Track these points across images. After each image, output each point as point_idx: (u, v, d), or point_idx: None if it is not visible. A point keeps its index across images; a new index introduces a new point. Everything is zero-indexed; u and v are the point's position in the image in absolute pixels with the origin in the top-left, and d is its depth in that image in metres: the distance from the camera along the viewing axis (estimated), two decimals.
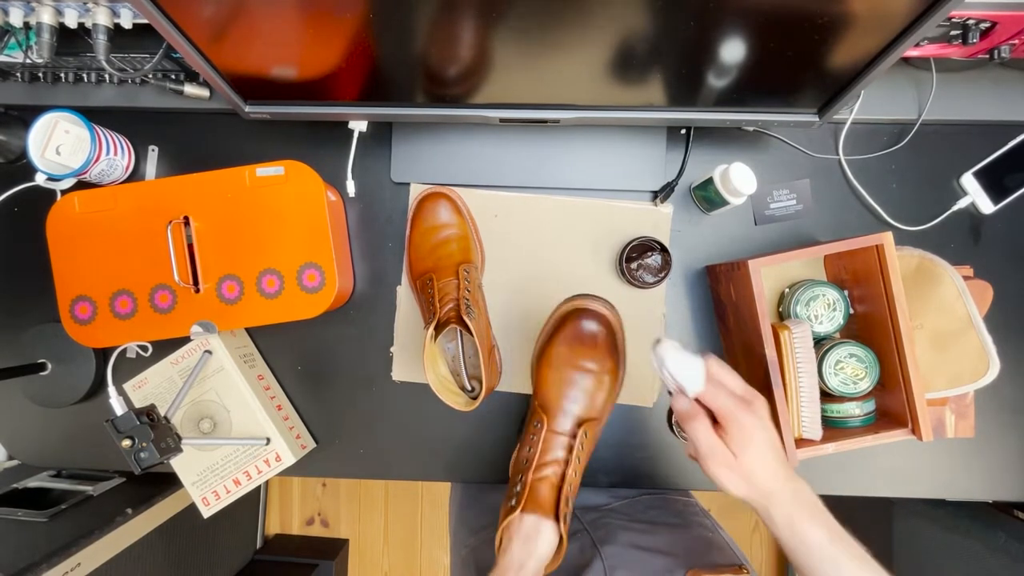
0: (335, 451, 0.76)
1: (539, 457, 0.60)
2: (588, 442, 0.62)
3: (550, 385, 0.63)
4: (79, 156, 0.67)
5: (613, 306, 0.66)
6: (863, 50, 0.51)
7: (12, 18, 0.63)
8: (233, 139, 0.76)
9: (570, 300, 0.66)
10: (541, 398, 0.64)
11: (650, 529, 0.69)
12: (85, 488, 1.06)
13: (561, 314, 0.66)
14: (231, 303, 0.66)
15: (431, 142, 0.74)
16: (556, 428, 0.61)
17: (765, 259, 0.61)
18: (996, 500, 0.75)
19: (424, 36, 0.52)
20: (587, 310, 0.64)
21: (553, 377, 0.63)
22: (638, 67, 0.55)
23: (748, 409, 0.47)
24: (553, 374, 0.63)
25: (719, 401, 0.47)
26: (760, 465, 0.47)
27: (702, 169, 0.73)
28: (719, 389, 0.48)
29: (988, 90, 0.71)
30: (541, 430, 0.61)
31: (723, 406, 0.47)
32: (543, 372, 0.64)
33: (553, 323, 0.66)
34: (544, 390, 0.64)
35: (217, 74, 0.57)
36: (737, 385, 0.49)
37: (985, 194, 0.72)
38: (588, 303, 0.64)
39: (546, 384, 0.64)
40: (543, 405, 0.63)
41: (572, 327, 0.63)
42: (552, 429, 0.61)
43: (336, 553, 1.63)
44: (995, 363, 0.66)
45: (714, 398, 0.47)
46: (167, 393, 0.68)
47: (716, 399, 0.47)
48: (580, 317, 0.64)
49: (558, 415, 0.62)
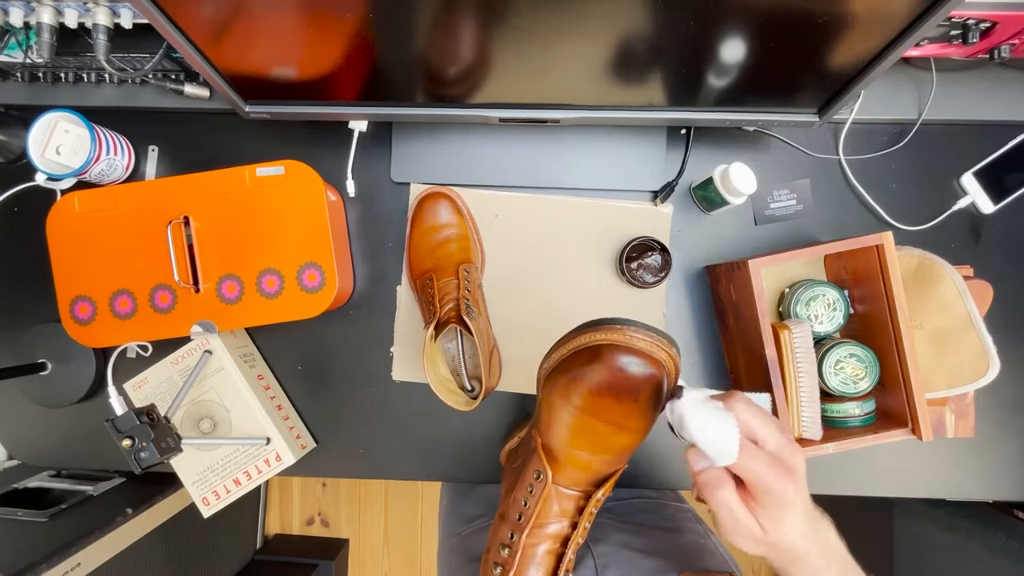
0: (335, 451, 0.76)
1: (537, 517, 0.47)
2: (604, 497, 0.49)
3: (561, 428, 0.46)
4: (79, 156, 0.67)
5: (670, 341, 0.44)
6: (863, 50, 0.51)
7: (12, 18, 0.63)
8: (233, 139, 0.76)
9: (608, 327, 0.44)
10: (547, 438, 0.48)
11: (642, 531, 0.69)
12: (85, 488, 1.06)
13: (593, 344, 0.45)
14: (231, 303, 0.66)
15: (431, 142, 0.74)
16: (564, 484, 0.47)
17: (765, 259, 0.61)
18: (996, 500, 0.75)
19: (424, 36, 0.52)
20: (633, 351, 0.43)
21: (567, 422, 0.46)
22: (638, 67, 0.55)
23: (788, 477, 0.38)
24: (568, 419, 0.46)
25: (754, 470, 0.38)
26: (792, 533, 0.39)
27: (702, 169, 0.73)
28: (752, 453, 0.38)
29: (988, 90, 0.71)
30: (543, 483, 0.47)
31: (759, 477, 0.38)
32: (554, 409, 0.47)
33: (582, 355, 0.45)
34: (552, 430, 0.47)
35: (217, 74, 0.57)
36: (772, 439, 0.39)
37: (985, 194, 0.72)
38: (636, 339, 0.43)
39: (556, 425, 0.47)
40: (549, 449, 0.47)
41: (608, 370, 0.43)
42: (559, 484, 0.47)
43: (336, 553, 1.63)
44: (995, 363, 0.66)
45: (747, 468, 0.38)
46: (167, 393, 0.68)
47: (750, 468, 0.38)
48: (622, 359, 0.43)
49: (568, 469, 0.47)
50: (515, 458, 0.54)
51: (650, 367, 0.43)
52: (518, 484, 0.50)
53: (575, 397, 0.45)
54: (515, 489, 0.50)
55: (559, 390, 0.46)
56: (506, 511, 0.50)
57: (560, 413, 0.46)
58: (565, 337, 0.47)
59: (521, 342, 0.74)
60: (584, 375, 0.44)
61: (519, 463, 0.52)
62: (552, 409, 0.47)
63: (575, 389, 0.45)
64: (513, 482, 0.51)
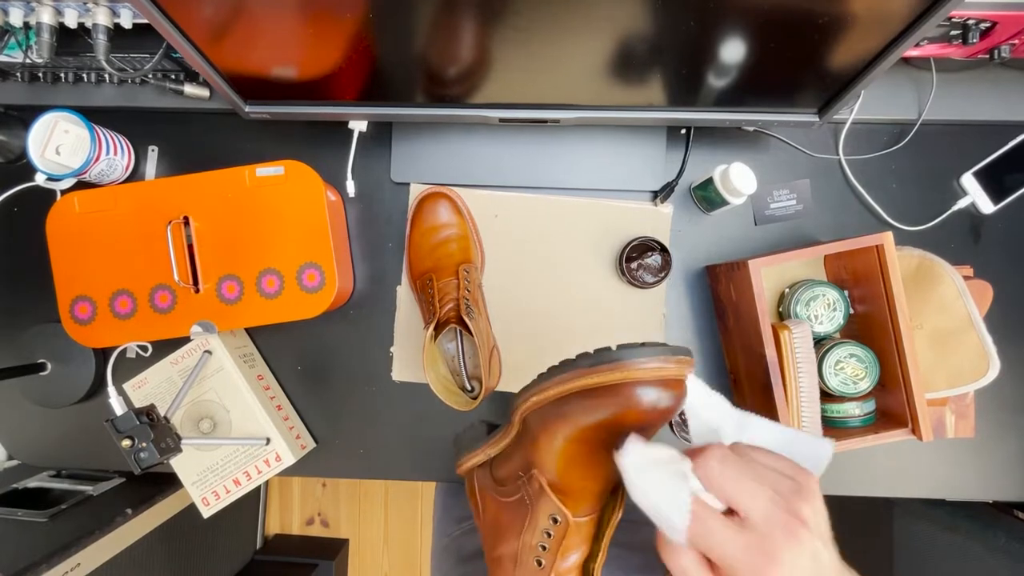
0: (335, 451, 0.76)
1: (558, 562, 0.44)
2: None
3: (574, 467, 0.42)
4: (79, 156, 0.67)
5: (688, 353, 0.38)
6: (863, 50, 0.51)
7: (12, 18, 0.63)
8: (233, 139, 0.76)
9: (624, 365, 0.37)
10: (554, 477, 0.43)
11: (631, 527, 0.68)
12: (85, 488, 1.06)
13: (611, 384, 0.38)
14: (231, 303, 0.66)
15: (431, 142, 0.74)
16: (580, 514, 0.44)
17: (765, 259, 0.61)
18: (996, 500, 0.75)
19: (424, 36, 0.52)
20: (661, 383, 0.37)
21: (583, 460, 0.42)
22: (638, 67, 0.55)
23: (770, 566, 0.29)
24: (584, 457, 0.42)
25: (718, 553, 0.30)
26: None
27: (702, 169, 0.73)
28: (716, 531, 0.30)
29: (988, 90, 0.71)
30: (564, 526, 0.43)
31: (726, 561, 0.30)
32: (565, 449, 0.42)
33: (598, 393, 0.39)
34: (560, 468, 0.43)
35: (217, 74, 0.57)
36: (758, 509, 0.30)
37: (985, 194, 0.72)
38: (658, 368, 0.37)
39: (566, 464, 0.42)
40: (559, 488, 0.43)
41: (635, 409, 0.37)
42: (577, 517, 0.44)
43: (336, 553, 1.63)
44: (995, 363, 0.66)
45: (708, 548, 0.31)
46: (167, 393, 0.68)
47: (711, 549, 0.30)
48: (649, 395, 0.37)
49: (582, 501, 0.44)
50: (501, 489, 0.50)
51: (676, 393, 0.38)
52: (528, 527, 0.45)
53: (585, 433, 0.40)
54: (525, 533, 0.46)
55: (564, 428, 0.41)
56: (520, 555, 0.46)
57: (566, 450, 0.42)
58: (564, 372, 0.41)
59: (521, 342, 0.74)
60: (598, 413, 0.39)
61: (516, 499, 0.47)
62: (554, 447, 0.42)
63: (585, 426, 0.40)
64: (514, 520, 0.47)
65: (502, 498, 0.50)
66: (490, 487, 0.52)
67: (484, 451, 0.55)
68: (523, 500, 0.47)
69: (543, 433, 0.44)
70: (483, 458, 0.55)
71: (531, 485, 0.46)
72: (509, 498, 0.49)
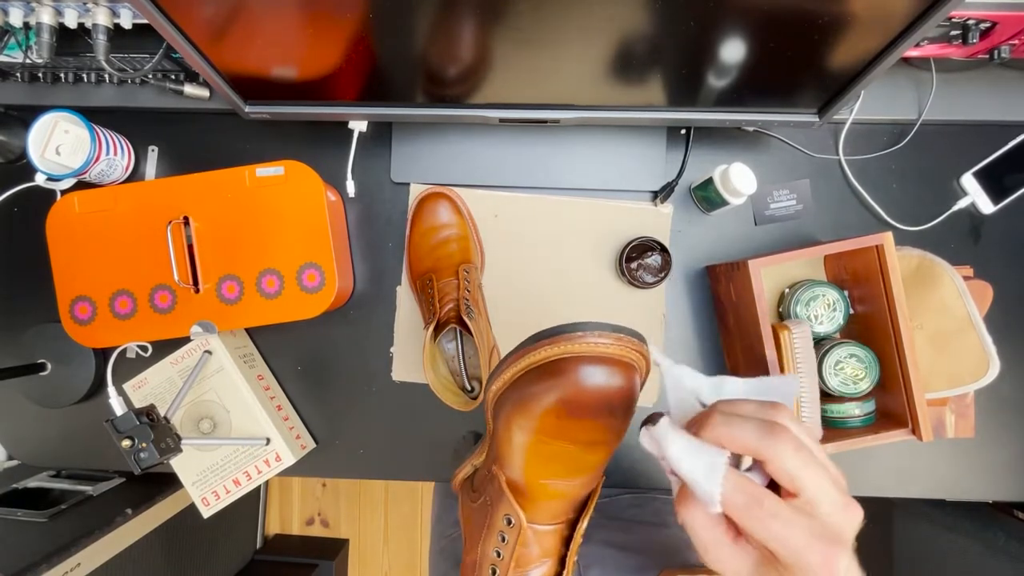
0: (335, 451, 0.76)
1: (515, 567, 0.40)
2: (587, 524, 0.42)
3: (526, 459, 0.39)
4: (79, 156, 0.67)
5: (638, 338, 0.36)
6: (863, 50, 0.51)
7: (12, 18, 0.63)
8: (233, 139, 0.76)
9: (565, 337, 0.35)
10: (510, 472, 0.40)
11: (626, 527, 0.68)
12: (85, 488, 1.06)
13: (552, 359, 0.36)
14: (231, 303, 0.66)
15: (431, 142, 0.74)
16: (541, 521, 0.40)
17: (765, 259, 0.61)
18: (996, 500, 0.75)
19: (424, 36, 0.52)
20: (601, 359, 0.35)
21: (534, 451, 0.38)
22: (638, 67, 0.55)
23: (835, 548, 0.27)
24: (535, 447, 0.38)
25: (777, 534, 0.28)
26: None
27: (702, 169, 0.73)
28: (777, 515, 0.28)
29: (988, 90, 0.71)
30: (516, 529, 0.39)
31: (784, 542, 0.28)
32: (515, 438, 0.39)
33: (540, 372, 0.37)
34: (516, 463, 0.39)
35: (217, 74, 0.57)
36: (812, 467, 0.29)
37: (985, 194, 0.72)
38: (601, 346, 0.35)
39: (519, 456, 0.39)
40: (515, 486, 0.40)
41: (575, 387, 0.35)
42: (534, 523, 0.40)
43: (336, 553, 1.63)
44: (995, 363, 0.66)
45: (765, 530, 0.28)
46: (167, 393, 0.68)
47: (770, 532, 0.28)
48: (589, 371, 0.35)
49: (541, 503, 0.40)
50: (473, 494, 0.47)
51: (623, 374, 0.35)
52: (487, 533, 0.42)
53: (539, 422, 0.37)
54: (484, 540, 0.42)
55: (518, 417, 0.38)
56: (479, 565, 0.42)
57: (523, 442, 0.38)
58: (514, 353, 0.39)
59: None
60: (546, 396, 0.36)
61: (480, 502, 0.44)
62: (512, 439, 0.39)
63: (538, 413, 0.37)
64: (479, 525, 0.43)
65: (472, 503, 0.46)
66: (467, 495, 0.49)
67: (470, 462, 0.52)
68: (486, 502, 0.43)
69: (502, 424, 0.40)
70: (470, 469, 0.52)
71: (492, 484, 0.42)
72: (476, 502, 0.45)
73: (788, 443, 0.29)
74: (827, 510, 0.28)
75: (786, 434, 0.29)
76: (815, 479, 0.29)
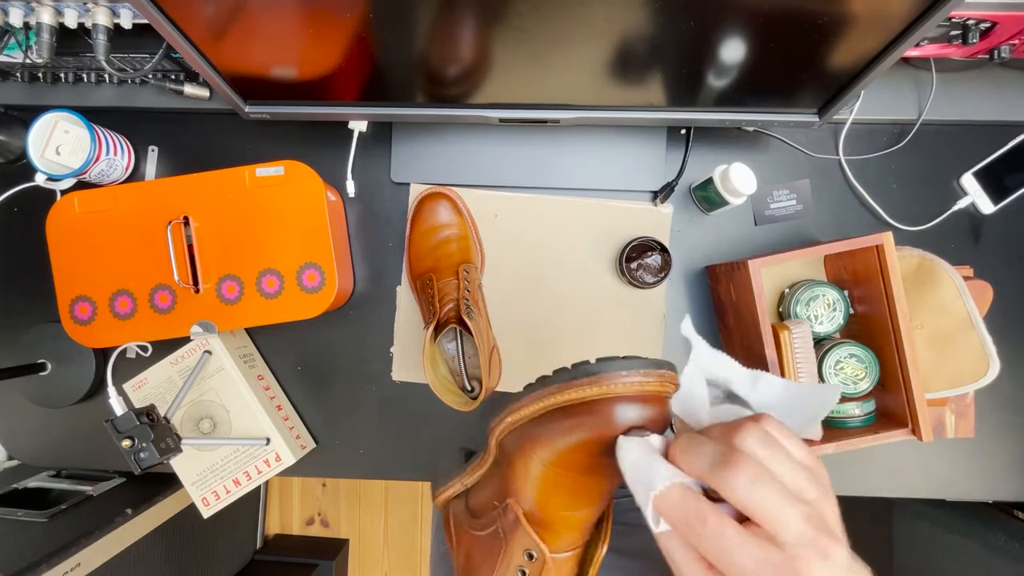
0: (335, 451, 0.76)
1: None
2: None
3: (555, 495, 0.39)
4: (79, 156, 0.67)
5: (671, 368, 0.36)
6: (863, 50, 0.51)
7: (12, 18, 0.63)
8: (233, 139, 0.76)
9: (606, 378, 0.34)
10: (532, 506, 0.39)
11: (626, 531, 0.68)
12: (85, 488, 1.06)
13: (586, 399, 0.35)
14: (231, 303, 0.66)
15: (431, 142, 0.74)
16: (560, 550, 0.40)
17: (765, 259, 0.61)
18: (996, 500, 0.75)
19: (424, 36, 0.52)
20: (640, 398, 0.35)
21: (564, 487, 0.38)
22: (638, 67, 0.55)
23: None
24: (564, 483, 0.38)
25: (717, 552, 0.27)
26: None
27: (702, 169, 0.73)
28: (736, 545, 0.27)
29: (988, 90, 0.71)
30: (540, 563, 0.39)
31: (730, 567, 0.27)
32: (543, 474, 0.38)
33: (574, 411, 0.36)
34: (539, 497, 0.39)
35: (217, 74, 0.57)
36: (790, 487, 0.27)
37: (985, 194, 0.72)
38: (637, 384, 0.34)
39: (546, 492, 0.39)
40: (536, 519, 0.39)
41: (611, 426, 0.34)
42: (555, 553, 0.40)
43: (336, 553, 1.63)
44: (995, 363, 0.66)
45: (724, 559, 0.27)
46: (167, 393, 0.68)
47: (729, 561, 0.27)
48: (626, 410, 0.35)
49: (562, 534, 0.40)
50: (475, 521, 0.46)
51: (657, 408, 0.35)
52: (502, 567, 0.41)
53: (568, 458, 0.37)
54: (496, 569, 0.41)
55: (543, 451, 0.38)
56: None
57: (546, 477, 0.38)
58: (539, 389, 0.38)
59: (521, 342, 0.74)
60: (576, 433, 0.35)
61: (489, 532, 0.43)
62: (531, 473, 0.39)
63: (565, 449, 0.36)
64: (488, 555, 0.43)
65: (476, 531, 0.46)
66: (465, 520, 0.48)
67: (461, 480, 0.51)
68: (497, 533, 0.42)
69: (519, 457, 0.40)
70: (459, 488, 0.51)
71: (506, 516, 0.41)
72: (483, 531, 0.44)
73: (742, 472, 0.27)
74: (792, 542, 0.26)
75: (743, 463, 0.27)
76: (774, 511, 0.26)
